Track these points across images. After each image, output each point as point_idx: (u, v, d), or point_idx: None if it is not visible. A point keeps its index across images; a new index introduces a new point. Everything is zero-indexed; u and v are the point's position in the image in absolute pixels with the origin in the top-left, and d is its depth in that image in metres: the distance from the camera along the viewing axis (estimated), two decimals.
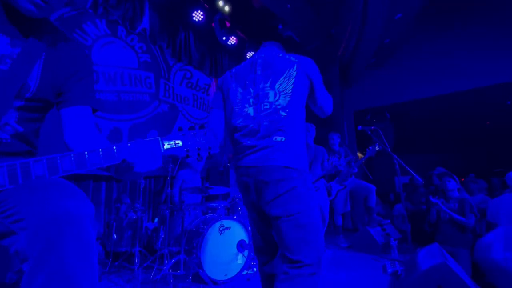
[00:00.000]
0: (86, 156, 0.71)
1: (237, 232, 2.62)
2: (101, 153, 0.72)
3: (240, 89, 1.28)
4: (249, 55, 5.31)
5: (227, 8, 4.58)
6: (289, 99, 1.18)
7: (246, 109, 1.23)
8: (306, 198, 1.12)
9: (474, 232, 2.81)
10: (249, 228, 2.72)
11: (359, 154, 6.22)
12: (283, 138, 1.14)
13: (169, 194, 2.78)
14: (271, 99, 1.19)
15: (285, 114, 1.16)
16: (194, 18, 4.34)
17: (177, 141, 0.82)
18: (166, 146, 0.80)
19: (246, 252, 2.58)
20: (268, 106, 1.18)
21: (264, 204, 1.14)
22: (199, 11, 4.34)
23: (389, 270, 2.64)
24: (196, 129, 0.85)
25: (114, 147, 0.74)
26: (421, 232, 3.59)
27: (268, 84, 1.22)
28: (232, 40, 4.88)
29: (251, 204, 1.23)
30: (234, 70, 1.36)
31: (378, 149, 3.29)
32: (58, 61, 0.82)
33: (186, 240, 2.58)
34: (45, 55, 0.79)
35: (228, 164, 4.38)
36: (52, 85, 0.81)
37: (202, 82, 4.92)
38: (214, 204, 3.06)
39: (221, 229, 2.57)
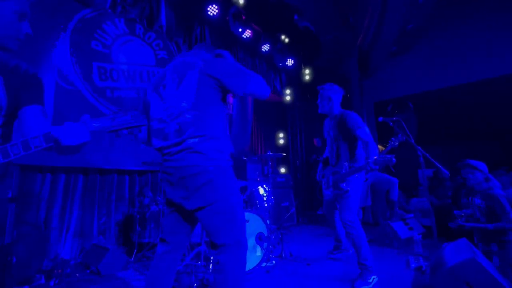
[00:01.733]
0: (30, 141, 0.94)
1: (255, 224, 2.63)
2: (41, 137, 0.96)
3: (154, 94, 1.39)
4: (265, 47, 5.25)
5: (241, 1, 4.54)
6: (193, 100, 1.25)
7: (158, 114, 1.33)
8: (221, 188, 1.22)
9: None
10: (268, 221, 2.74)
11: (380, 147, 6.02)
12: (194, 139, 1.22)
13: None
14: (177, 102, 1.27)
15: (189, 116, 1.23)
16: (209, 12, 4.34)
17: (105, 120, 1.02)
18: (95, 124, 0.99)
19: (265, 245, 2.60)
20: (175, 110, 1.27)
21: (184, 199, 1.23)
22: (213, 5, 4.33)
23: (413, 265, 2.56)
24: (128, 111, 1.08)
25: (50, 132, 0.96)
26: (446, 227, 3.43)
27: (174, 89, 1.30)
28: (247, 33, 4.84)
29: (171, 201, 1.31)
30: (153, 78, 1.49)
31: (401, 140, 3.15)
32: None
33: (206, 232, 2.64)
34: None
35: (245, 158, 4.40)
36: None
37: None
38: None
39: None
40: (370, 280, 2.12)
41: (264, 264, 2.62)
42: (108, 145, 3.35)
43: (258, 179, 3.54)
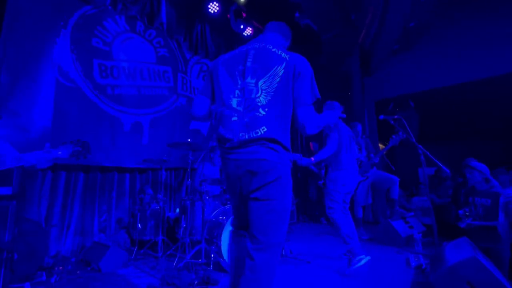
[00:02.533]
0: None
1: None
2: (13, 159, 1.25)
3: (229, 78, 1.28)
4: None
5: None
6: (270, 98, 1.20)
7: (231, 100, 1.24)
8: (285, 188, 1.21)
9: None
10: None
11: (380, 145, 6.01)
12: (269, 136, 1.18)
13: (189, 186, 2.85)
14: (253, 95, 1.21)
15: (264, 113, 1.18)
16: (209, 10, 4.32)
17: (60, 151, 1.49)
18: (59, 153, 1.41)
19: None
20: (250, 102, 1.21)
21: (249, 191, 1.21)
22: (214, 3, 4.31)
23: (413, 263, 2.56)
24: (73, 142, 1.54)
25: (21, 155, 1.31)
26: (448, 225, 3.43)
27: (254, 80, 1.22)
28: (248, 31, 4.82)
29: (236, 191, 1.30)
30: (226, 57, 1.35)
31: (402, 137, 3.14)
32: None
33: (207, 230, 2.65)
34: None
35: None
36: None
37: None
38: None
39: None
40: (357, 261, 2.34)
41: None
42: (109, 143, 3.35)
43: None
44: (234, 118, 1.21)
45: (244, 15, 4.66)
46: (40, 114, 2.81)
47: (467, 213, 2.54)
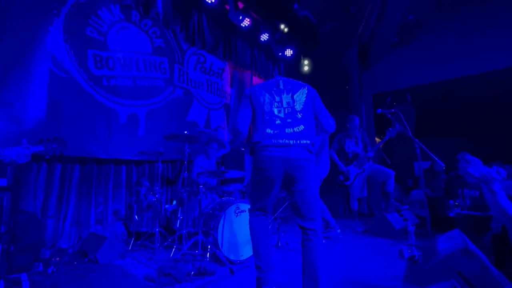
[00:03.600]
0: None
1: None
2: None
3: (267, 95, 1.75)
4: (264, 37, 5.16)
5: None
6: (302, 106, 1.73)
7: (272, 108, 1.70)
8: (316, 178, 1.70)
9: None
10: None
11: (377, 139, 6.04)
12: (307, 142, 1.64)
13: (186, 178, 2.85)
14: (291, 104, 1.71)
15: (300, 116, 1.69)
16: (207, 0, 4.24)
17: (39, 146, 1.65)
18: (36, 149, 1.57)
19: None
20: (290, 110, 1.70)
21: (293, 182, 1.62)
22: None
23: (406, 255, 2.61)
24: (50, 139, 1.71)
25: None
26: (441, 218, 3.49)
27: (289, 94, 1.74)
28: (246, 22, 4.74)
29: (275, 181, 1.64)
30: (261, 84, 1.83)
31: (398, 130, 3.16)
32: None
33: (203, 222, 2.67)
34: None
35: (243, 149, 4.40)
36: None
37: (216, 66, 4.87)
38: (230, 188, 3.11)
39: (237, 212, 2.62)
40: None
41: None
42: (105, 135, 3.32)
43: None
44: (278, 122, 1.66)
45: (241, 6, 4.58)
46: (34, 105, 2.77)
47: (457, 203, 2.62)
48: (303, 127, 1.65)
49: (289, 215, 4.93)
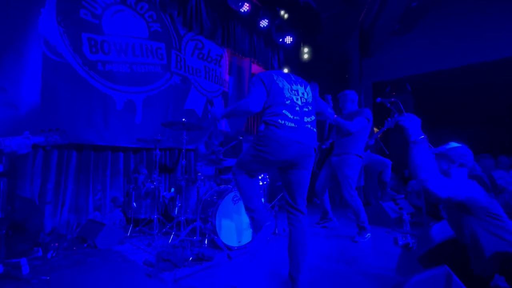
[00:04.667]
0: None
1: None
2: None
3: (286, 82, 1.77)
4: (263, 23, 5.03)
5: None
6: (311, 100, 1.84)
7: (292, 95, 1.73)
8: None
9: None
10: (263, 199, 2.79)
11: (375, 129, 6.03)
12: (313, 122, 1.78)
13: (184, 166, 2.85)
14: (305, 95, 1.79)
15: (311, 108, 1.80)
16: None
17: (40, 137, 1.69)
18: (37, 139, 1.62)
19: None
20: (305, 101, 1.77)
21: (296, 166, 1.70)
22: None
23: (400, 242, 2.67)
24: (52, 130, 1.75)
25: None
26: (436, 208, 3.54)
27: (302, 86, 1.83)
28: (245, 7, 4.61)
29: (279, 163, 1.71)
30: (275, 71, 1.84)
31: (397, 120, 3.15)
32: None
33: (201, 209, 2.69)
34: None
35: (241, 138, 4.38)
36: None
37: (214, 53, 4.77)
38: (228, 176, 3.12)
39: (234, 199, 2.64)
40: (366, 236, 2.85)
41: None
42: (102, 122, 3.28)
43: None
44: (297, 108, 1.70)
45: None
46: (28, 90, 2.71)
47: None
48: (314, 117, 1.80)
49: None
